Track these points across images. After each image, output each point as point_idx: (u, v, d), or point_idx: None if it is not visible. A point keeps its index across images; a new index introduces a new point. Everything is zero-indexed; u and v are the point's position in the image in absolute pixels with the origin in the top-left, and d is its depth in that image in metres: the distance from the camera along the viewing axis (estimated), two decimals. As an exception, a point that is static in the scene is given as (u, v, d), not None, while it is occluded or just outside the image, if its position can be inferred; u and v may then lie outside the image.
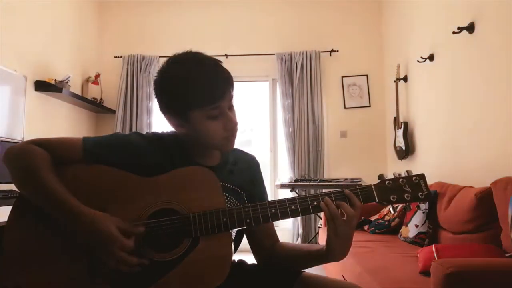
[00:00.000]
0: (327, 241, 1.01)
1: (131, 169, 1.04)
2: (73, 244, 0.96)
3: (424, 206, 2.61)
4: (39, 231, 0.99)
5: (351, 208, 0.98)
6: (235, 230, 1.13)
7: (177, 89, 1.02)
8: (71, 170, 1.03)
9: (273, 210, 1.01)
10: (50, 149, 1.02)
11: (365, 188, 1.03)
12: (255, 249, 1.21)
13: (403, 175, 1.04)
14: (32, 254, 0.97)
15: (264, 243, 1.19)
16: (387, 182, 1.03)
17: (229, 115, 1.05)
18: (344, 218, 0.98)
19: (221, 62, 1.06)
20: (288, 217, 1.02)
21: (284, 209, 1.02)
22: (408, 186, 1.03)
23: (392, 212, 1.61)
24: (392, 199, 1.02)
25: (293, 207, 1.01)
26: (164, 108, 1.08)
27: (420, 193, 1.02)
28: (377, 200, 1.02)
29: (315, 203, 1.01)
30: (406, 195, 1.02)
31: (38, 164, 0.97)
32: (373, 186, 1.03)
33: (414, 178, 1.03)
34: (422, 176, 1.03)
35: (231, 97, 1.05)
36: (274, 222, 1.11)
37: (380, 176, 1.05)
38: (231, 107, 1.07)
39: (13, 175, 1.00)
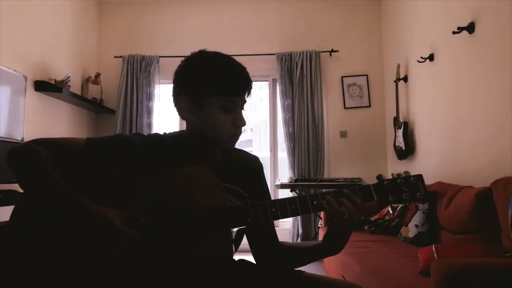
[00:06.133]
0: (325, 237, 1.06)
1: (132, 169, 1.05)
2: (73, 239, 0.98)
3: (423, 206, 2.60)
4: (41, 229, 1.00)
5: (352, 206, 1.00)
6: (235, 230, 1.13)
7: (203, 71, 1.06)
8: (73, 170, 1.03)
9: (273, 210, 1.02)
10: (53, 148, 1.02)
11: (363, 188, 1.04)
12: (256, 253, 1.21)
13: (402, 176, 1.05)
14: (33, 251, 0.98)
15: (265, 246, 1.19)
16: (385, 182, 1.04)
17: (240, 114, 1.10)
18: (345, 216, 1.00)
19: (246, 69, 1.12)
20: (289, 216, 1.03)
21: (284, 208, 1.02)
22: (406, 186, 1.04)
23: (391, 212, 1.61)
24: (390, 199, 1.04)
25: (293, 206, 1.02)
26: (182, 89, 1.09)
27: (418, 193, 1.03)
28: (375, 200, 1.03)
29: (315, 202, 1.02)
30: (404, 195, 1.03)
31: (42, 162, 0.98)
32: (371, 186, 1.04)
33: (412, 178, 1.04)
34: (420, 177, 1.05)
35: (245, 101, 1.11)
36: (274, 223, 1.12)
37: (379, 177, 1.06)
38: (242, 109, 1.12)
39: (17, 174, 1.00)
